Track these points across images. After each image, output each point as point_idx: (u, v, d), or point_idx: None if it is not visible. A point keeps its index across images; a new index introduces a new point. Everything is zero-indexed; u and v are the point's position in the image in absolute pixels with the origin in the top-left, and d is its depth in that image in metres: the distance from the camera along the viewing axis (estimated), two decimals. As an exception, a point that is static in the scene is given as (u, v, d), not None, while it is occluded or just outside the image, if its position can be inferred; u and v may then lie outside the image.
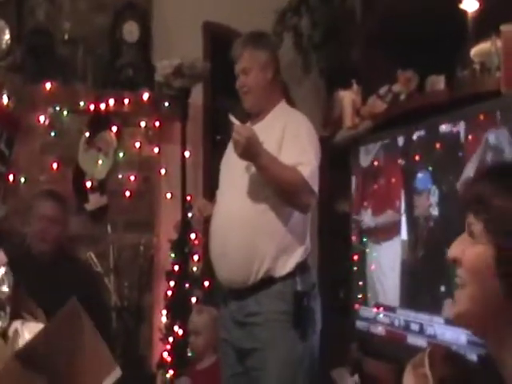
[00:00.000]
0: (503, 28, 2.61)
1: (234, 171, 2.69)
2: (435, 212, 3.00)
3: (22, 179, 3.99)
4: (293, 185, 2.50)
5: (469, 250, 1.09)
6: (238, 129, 2.48)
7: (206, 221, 2.80)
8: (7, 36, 4.02)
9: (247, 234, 2.57)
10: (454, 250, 1.11)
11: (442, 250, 2.56)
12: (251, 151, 2.47)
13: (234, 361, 2.67)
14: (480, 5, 2.82)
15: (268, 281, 2.58)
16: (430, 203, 3.01)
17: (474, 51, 2.82)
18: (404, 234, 3.27)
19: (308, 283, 2.61)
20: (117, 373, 2.10)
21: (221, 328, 2.77)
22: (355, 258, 3.67)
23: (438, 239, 2.96)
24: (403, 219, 3.28)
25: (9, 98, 3.89)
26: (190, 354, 3.60)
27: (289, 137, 2.60)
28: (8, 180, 3.95)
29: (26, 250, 3.38)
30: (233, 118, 2.53)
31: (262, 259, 2.56)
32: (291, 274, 2.58)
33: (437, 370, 1.49)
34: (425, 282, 3.08)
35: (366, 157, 3.62)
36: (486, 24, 2.71)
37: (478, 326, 1.11)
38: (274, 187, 2.53)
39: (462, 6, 2.84)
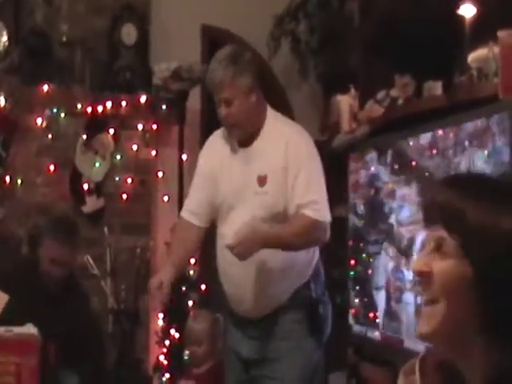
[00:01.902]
0: (501, 33, 2.61)
1: (234, 207, 2.57)
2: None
3: (19, 181, 4.01)
4: (307, 236, 2.47)
5: (439, 264, 1.04)
6: (232, 245, 2.37)
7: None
8: (5, 38, 4.03)
9: (263, 277, 2.51)
10: (420, 264, 1.05)
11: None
12: (257, 247, 2.40)
13: (239, 369, 2.65)
14: (477, 10, 2.82)
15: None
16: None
17: (471, 57, 2.82)
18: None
19: (320, 289, 2.60)
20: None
21: (225, 335, 2.76)
22: (352, 262, 3.67)
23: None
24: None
25: (6, 100, 3.91)
26: (186, 358, 3.61)
27: (291, 170, 2.49)
28: (5, 182, 3.96)
29: (36, 272, 3.29)
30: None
31: (283, 292, 2.54)
32: (306, 283, 2.57)
33: (428, 378, 1.47)
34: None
35: (363, 161, 3.63)
36: (484, 29, 2.72)
37: (447, 344, 1.07)
38: (296, 250, 2.49)
39: (460, 11, 2.85)
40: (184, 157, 4.14)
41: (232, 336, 2.69)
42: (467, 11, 2.84)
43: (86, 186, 4.15)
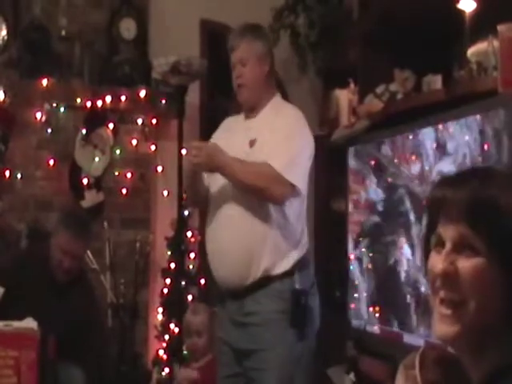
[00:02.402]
0: (500, 28, 2.60)
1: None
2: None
3: (18, 175, 4.02)
4: (262, 180, 2.50)
5: (466, 263, 1.00)
6: (197, 148, 2.52)
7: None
8: (4, 32, 4.03)
9: (244, 234, 2.56)
10: (444, 264, 1.01)
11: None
12: (214, 164, 2.52)
13: (232, 361, 2.65)
14: (477, 4, 2.81)
15: (266, 280, 2.56)
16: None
17: (470, 51, 2.82)
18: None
19: (307, 281, 2.60)
20: None
21: (218, 327, 2.77)
22: (351, 256, 3.68)
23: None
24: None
25: (5, 94, 3.91)
26: (185, 352, 3.61)
27: (274, 130, 2.61)
28: (4, 176, 3.97)
29: (45, 263, 3.30)
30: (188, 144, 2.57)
31: (260, 259, 2.55)
32: (289, 272, 2.57)
33: (428, 373, 1.46)
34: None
35: (362, 155, 3.63)
36: (483, 24, 2.71)
37: (470, 346, 1.03)
38: (244, 188, 2.53)
39: (459, 5, 2.84)
40: (183, 151, 4.14)
41: (222, 326, 2.71)
42: (467, 5, 2.83)
43: (85, 181, 4.15)
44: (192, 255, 4.06)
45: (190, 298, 3.95)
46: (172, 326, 3.88)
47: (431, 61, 3.15)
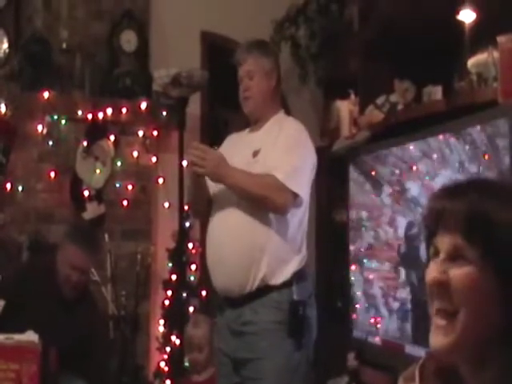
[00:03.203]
0: (500, 39, 2.61)
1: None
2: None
3: (20, 188, 4.02)
4: (264, 189, 2.52)
5: (457, 272, 1.00)
6: (200, 154, 2.54)
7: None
8: (5, 45, 4.04)
9: (243, 243, 2.57)
10: (436, 273, 1.01)
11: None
12: (218, 174, 2.55)
13: (231, 371, 2.65)
14: (477, 15, 2.83)
15: (264, 289, 2.57)
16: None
17: (471, 62, 2.83)
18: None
19: (304, 292, 2.60)
20: None
21: (216, 337, 2.78)
22: (353, 267, 3.68)
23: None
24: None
25: (6, 107, 3.91)
26: (187, 364, 3.61)
27: (277, 142, 2.63)
28: (5, 188, 3.97)
29: (50, 277, 3.26)
30: (201, 145, 2.59)
31: (258, 268, 2.55)
32: (288, 282, 2.58)
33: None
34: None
35: (363, 166, 3.63)
36: (483, 34, 2.72)
37: (465, 357, 1.02)
38: (248, 198, 2.55)
39: (459, 16, 2.86)
40: (184, 163, 4.14)
41: (220, 335, 2.72)
42: (467, 16, 2.85)
43: (86, 193, 4.15)
44: (193, 267, 4.07)
45: (191, 309, 3.94)
46: (173, 338, 3.88)
47: (431, 71, 3.16)
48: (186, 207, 4.01)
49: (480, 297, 0.99)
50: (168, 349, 3.91)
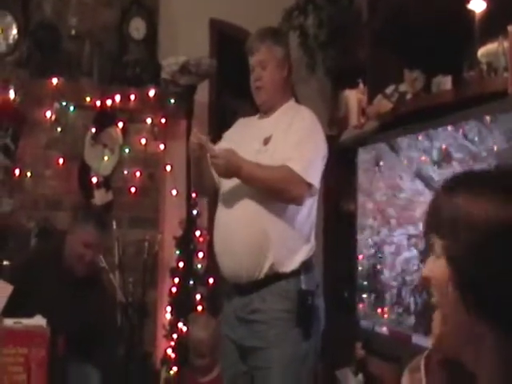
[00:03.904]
0: (510, 28, 2.61)
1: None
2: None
3: (28, 174, 4.03)
4: (280, 182, 2.53)
5: (435, 268, 1.06)
6: (216, 154, 2.51)
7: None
8: (14, 31, 4.04)
9: (252, 230, 2.57)
10: (425, 270, 1.08)
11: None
12: (231, 170, 2.53)
13: (237, 358, 2.66)
14: (487, 5, 2.82)
15: (273, 277, 2.58)
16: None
17: (480, 52, 2.82)
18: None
19: (312, 282, 2.61)
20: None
21: (223, 324, 2.77)
22: (360, 257, 3.68)
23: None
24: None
25: (15, 93, 3.92)
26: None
27: (290, 132, 2.63)
28: (14, 174, 3.98)
29: (59, 262, 3.35)
30: (209, 145, 2.53)
31: (266, 256, 2.56)
32: (296, 272, 2.59)
33: (433, 376, 1.40)
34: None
35: (371, 156, 3.64)
36: (493, 24, 2.71)
37: (458, 347, 1.07)
38: (263, 190, 2.56)
39: (469, 6, 2.85)
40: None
41: (227, 323, 2.72)
42: (477, 6, 2.84)
43: (94, 180, 4.16)
44: (200, 255, 4.08)
45: (198, 297, 3.96)
46: (180, 324, 3.90)
47: (441, 61, 3.15)
48: (193, 195, 4.06)
49: (446, 290, 1.04)
50: (175, 336, 3.93)
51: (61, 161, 4.10)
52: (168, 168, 4.28)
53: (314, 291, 2.59)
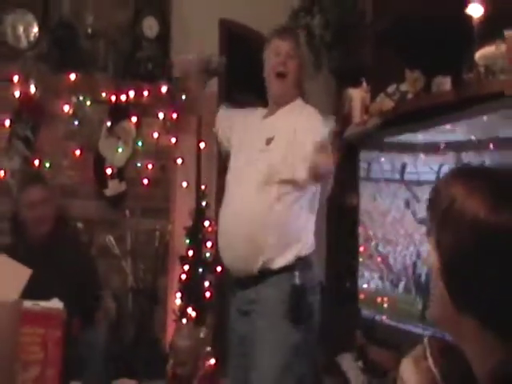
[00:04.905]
0: (507, 33, 2.64)
1: (242, 167, 2.73)
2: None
3: (47, 164, 4.07)
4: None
5: (430, 255, 1.09)
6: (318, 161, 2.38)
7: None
8: (35, 29, 4.09)
9: (250, 227, 2.60)
10: (424, 256, 1.13)
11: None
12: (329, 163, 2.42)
13: (239, 350, 2.69)
14: (485, 10, 2.85)
15: (268, 272, 2.59)
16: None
17: (478, 54, 2.84)
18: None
19: (307, 279, 2.60)
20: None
21: (230, 319, 2.78)
22: (361, 249, 3.71)
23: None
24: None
25: (35, 87, 3.97)
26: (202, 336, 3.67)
27: (300, 124, 2.60)
28: (33, 164, 4.04)
29: (21, 236, 3.47)
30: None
31: (263, 251, 2.58)
32: (289, 267, 2.58)
33: (438, 363, 1.36)
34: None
35: (374, 153, 3.67)
36: (491, 29, 2.75)
37: (446, 330, 1.10)
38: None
39: (468, 11, 2.88)
40: (202, 145, 4.19)
41: (232, 316, 2.75)
42: (475, 11, 2.87)
43: (109, 171, 4.19)
44: (209, 244, 4.11)
45: (207, 284, 4.00)
46: (189, 310, 3.93)
47: (441, 63, 3.18)
48: (202, 187, 4.11)
49: (436, 277, 1.07)
50: (184, 320, 3.96)
51: (77, 152, 4.14)
52: (179, 161, 4.30)
53: (307, 287, 2.58)
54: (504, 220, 0.98)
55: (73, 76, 4.06)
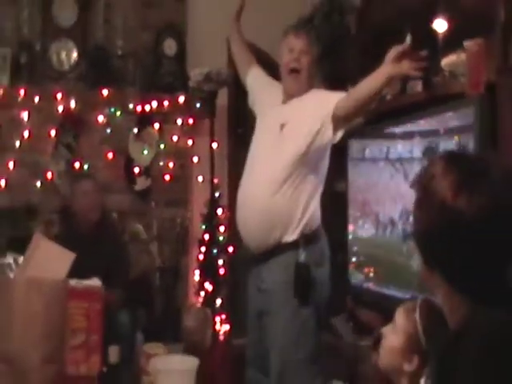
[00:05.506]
0: (466, 44, 2.67)
1: (257, 157, 2.63)
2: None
3: (86, 166, 4.13)
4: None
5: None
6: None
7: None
8: (75, 54, 4.15)
9: (261, 207, 2.52)
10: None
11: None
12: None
13: (257, 325, 2.57)
14: (448, 26, 2.88)
15: (277, 249, 2.46)
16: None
17: (444, 61, 2.86)
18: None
19: (313, 254, 2.47)
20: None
21: (248, 295, 2.67)
22: (351, 228, 3.74)
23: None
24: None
25: (75, 103, 4.03)
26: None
27: (311, 101, 2.49)
28: (74, 166, 4.10)
29: (72, 225, 3.57)
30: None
31: (274, 228, 2.48)
32: (295, 244, 2.45)
33: (423, 319, 1.45)
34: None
35: (358, 146, 3.70)
36: (453, 40, 2.78)
37: (426, 284, 1.12)
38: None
39: (434, 25, 2.91)
40: (214, 145, 4.21)
41: (250, 293, 2.64)
42: (440, 26, 2.89)
43: (137, 169, 4.23)
44: (222, 229, 4.11)
45: (220, 262, 4.02)
46: (206, 284, 3.96)
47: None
48: (215, 181, 4.14)
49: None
50: (202, 293, 4.00)
51: (110, 155, 4.18)
52: (195, 159, 4.31)
53: (310, 264, 2.42)
54: (462, 205, 0.97)
55: (105, 91, 4.10)
